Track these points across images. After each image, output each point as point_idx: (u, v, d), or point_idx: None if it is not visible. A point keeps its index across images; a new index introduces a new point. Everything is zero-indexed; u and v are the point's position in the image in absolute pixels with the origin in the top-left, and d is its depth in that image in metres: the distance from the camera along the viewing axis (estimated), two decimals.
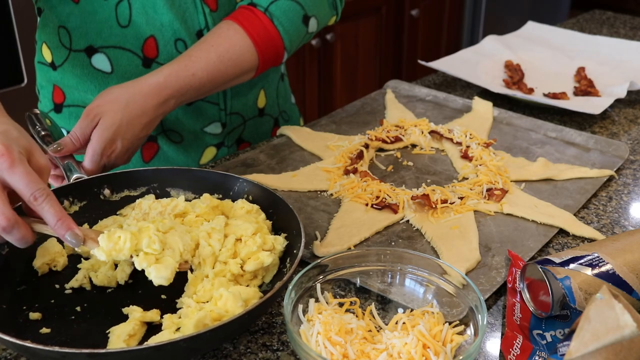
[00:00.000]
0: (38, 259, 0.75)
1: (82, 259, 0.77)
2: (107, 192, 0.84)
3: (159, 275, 0.66)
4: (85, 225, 0.80)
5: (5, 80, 1.87)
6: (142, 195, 0.85)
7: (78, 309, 0.70)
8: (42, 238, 0.77)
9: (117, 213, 0.83)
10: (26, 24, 1.88)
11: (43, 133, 0.90)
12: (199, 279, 0.71)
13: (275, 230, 0.79)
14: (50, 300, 0.71)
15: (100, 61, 1.00)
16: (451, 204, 0.90)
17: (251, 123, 1.15)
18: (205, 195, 0.82)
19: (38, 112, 0.93)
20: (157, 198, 0.83)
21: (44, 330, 0.67)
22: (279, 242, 0.76)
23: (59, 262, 0.75)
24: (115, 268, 0.75)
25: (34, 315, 0.68)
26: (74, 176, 0.84)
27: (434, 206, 0.88)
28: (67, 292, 0.73)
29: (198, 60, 0.92)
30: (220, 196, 0.84)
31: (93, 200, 0.83)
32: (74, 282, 0.73)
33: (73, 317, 0.69)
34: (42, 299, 0.71)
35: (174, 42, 0.99)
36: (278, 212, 0.80)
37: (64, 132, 1.09)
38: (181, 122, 1.06)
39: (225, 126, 1.11)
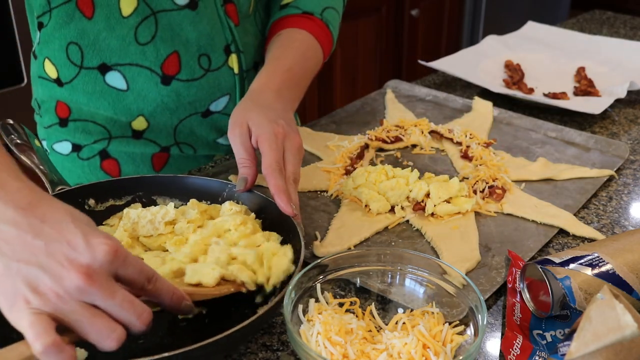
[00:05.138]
0: None
1: None
2: (91, 202, 0.82)
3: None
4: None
5: (5, 80, 1.87)
6: (127, 204, 0.83)
7: None
8: None
9: (104, 223, 0.81)
10: (26, 24, 1.88)
11: (19, 141, 0.88)
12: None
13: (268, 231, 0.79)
14: None
15: (114, 79, 0.98)
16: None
17: None
18: (192, 201, 0.81)
19: (12, 122, 0.91)
20: (143, 206, 0.81)
21: None
22: (274, 237, 0.76)
23: None
24: None
25: None
26: (57, 187, 0.82)
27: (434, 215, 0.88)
28: None
29: (288, 59, 0.98)
30: (209, 202, 0.83)
31: None
32: None
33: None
34: None
35: (198, 57, 0.99)
36: (271, 214, 0.80)
37: (43, 144, 1.07)
38: (195, 135, 1.06)
39: None
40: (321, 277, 0.69)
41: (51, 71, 1.00)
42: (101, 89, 0.98)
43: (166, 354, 0.57)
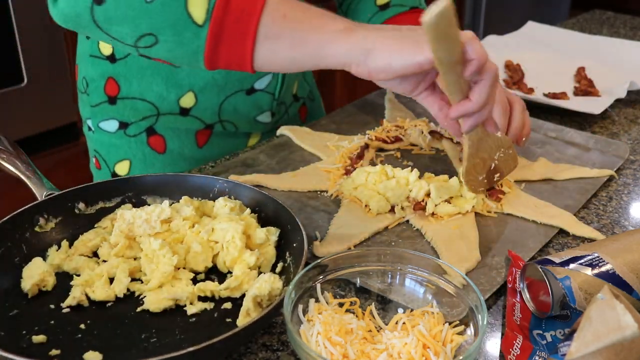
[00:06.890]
0: (27, 281, 0.71)
1: (74, 275, 0.74)
2: (81, 205, 0.82)
3: None
4: (64, 244, 0.78)
5: (5, 80, 1.87)
6: (118, 206, 0.83)
7: (82, 326, 0.67)
8: (27, 258, 0.74)
9: (96, 226, 0.81)
10: (26, 24, 1.88)
11: (1, 147, 0.88)
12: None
13: (265, 226, 0.79)
14: (50, 321, 0.68)
15: None
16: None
17: (291, 109, 1.20)
18: (185, 198, 0.82)
19: None
20: (133, 207, 0.81)
21: (54, 352, 0.64)
22: (272, 232, 0.76)
23: (49, 282, 0.72)
24: (111, 282, 0.73)
25: (38, 339, 0.65)
26: (46, 192, 0.82)
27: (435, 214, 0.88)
28: (64, 311, 0.69)
29: None
30: (199, 199, 0.84)
31: (69, 215, 0.81)
32: (71, 300, 0.70)
33: (80, 336, 0.66)
34: (40, 321, 0.68)
35: None
36: (266, 208, 0.80)
37: (88, 122, 1.10)
38: (238, 112, 1.09)
39: (274, 115, 1.14)
40: (321, 277, 0.69)
41: (105, 48, 1.05)
42: (155, 63, 1.02)
43: (165, 356, 0.57)
